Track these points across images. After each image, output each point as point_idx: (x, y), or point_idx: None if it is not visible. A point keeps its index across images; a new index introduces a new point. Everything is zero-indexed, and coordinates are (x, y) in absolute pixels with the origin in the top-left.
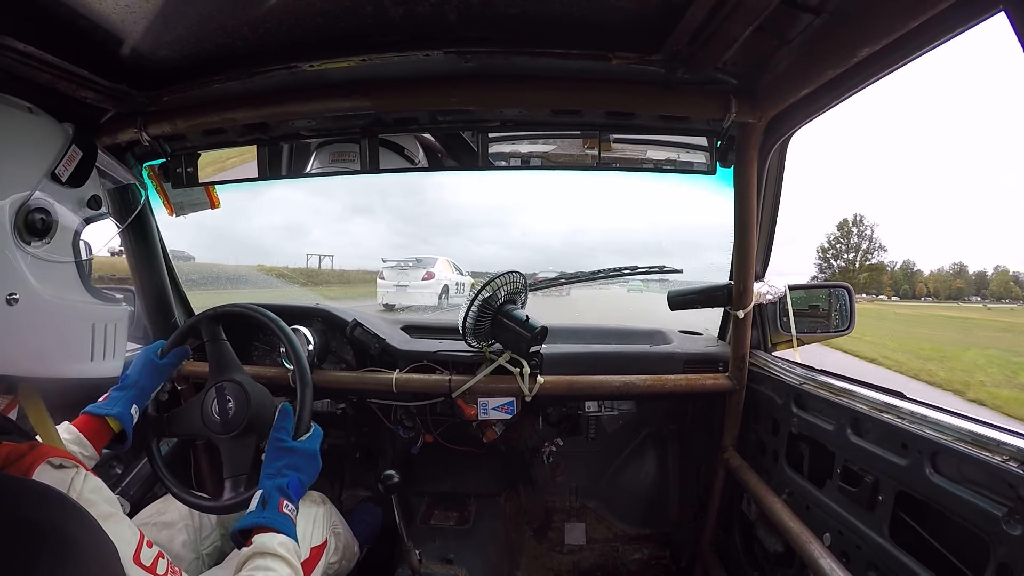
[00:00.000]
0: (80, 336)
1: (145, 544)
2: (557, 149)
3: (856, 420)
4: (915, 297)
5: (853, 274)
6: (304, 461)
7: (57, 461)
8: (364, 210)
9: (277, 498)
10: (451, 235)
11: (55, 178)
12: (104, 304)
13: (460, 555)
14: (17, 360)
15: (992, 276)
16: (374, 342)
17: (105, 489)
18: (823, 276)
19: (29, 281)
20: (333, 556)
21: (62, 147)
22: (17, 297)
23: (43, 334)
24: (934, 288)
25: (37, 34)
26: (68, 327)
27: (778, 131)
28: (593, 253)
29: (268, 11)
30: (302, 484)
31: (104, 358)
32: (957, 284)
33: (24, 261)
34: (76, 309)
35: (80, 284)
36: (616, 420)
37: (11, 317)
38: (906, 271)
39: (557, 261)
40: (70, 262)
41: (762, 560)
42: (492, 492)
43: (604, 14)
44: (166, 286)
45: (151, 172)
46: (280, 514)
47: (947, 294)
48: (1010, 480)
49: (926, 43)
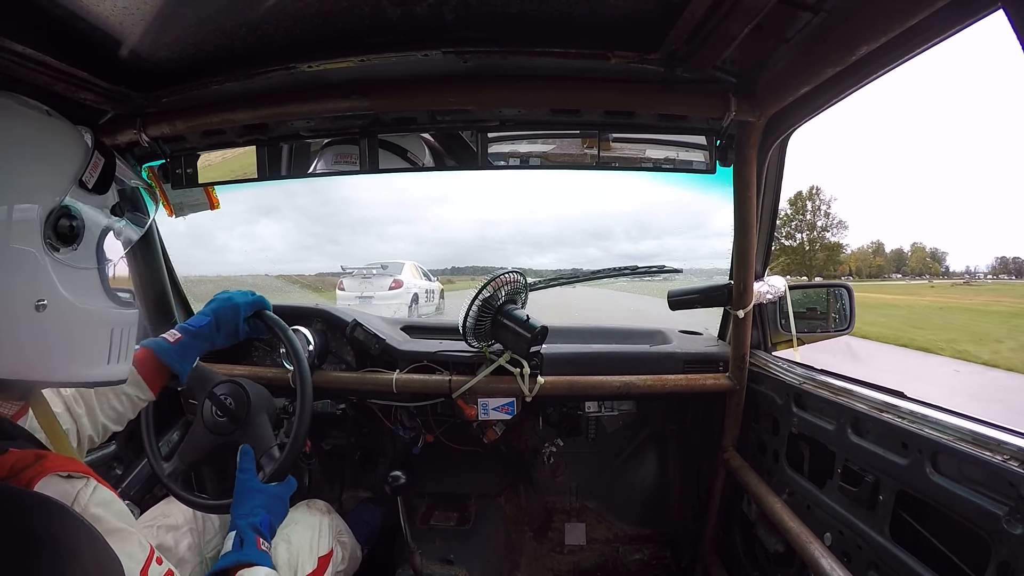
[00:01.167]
0: (100, 341)
1: (155, 561)
2: (556, 149)
3: (856, 420)
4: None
5: (807, 255)
6: (276, 505)
7: (65, 473)
8: (270, 211)
9: (253, 536)
10: (359, 233)
11: (82, 185)
12: (122, 309)
13: (460, 555)
14: (39, 365)
15: (910, 253)
16: (374, 342)
17: (116, 502)
18: None
19: (57, 288)
20: (341, 565)
21: (86, 153)
22: (46, 303)
23: (66, 340)
24: (855, 267)
25: (35, 36)
26: (90, 333)
27: (777, 130)
28: (503, 246)
29: (266, 12)
30: (271, 527)
31: (118, 362)
32: (877, 262)
33: (53, 268)
34: (98, 315)
35: (101, 290)
36: (616, 420)
37: (38, 323)
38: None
39: (469, 256)
40: (94, 268)
41: (763, 560)
42: (492, 492)
43: (602, 13)
44: (166, 286)
45: (150, 173)
46: (258, 551)
47: (868, 272)
48: (1011, 479)
49: (925, 41)
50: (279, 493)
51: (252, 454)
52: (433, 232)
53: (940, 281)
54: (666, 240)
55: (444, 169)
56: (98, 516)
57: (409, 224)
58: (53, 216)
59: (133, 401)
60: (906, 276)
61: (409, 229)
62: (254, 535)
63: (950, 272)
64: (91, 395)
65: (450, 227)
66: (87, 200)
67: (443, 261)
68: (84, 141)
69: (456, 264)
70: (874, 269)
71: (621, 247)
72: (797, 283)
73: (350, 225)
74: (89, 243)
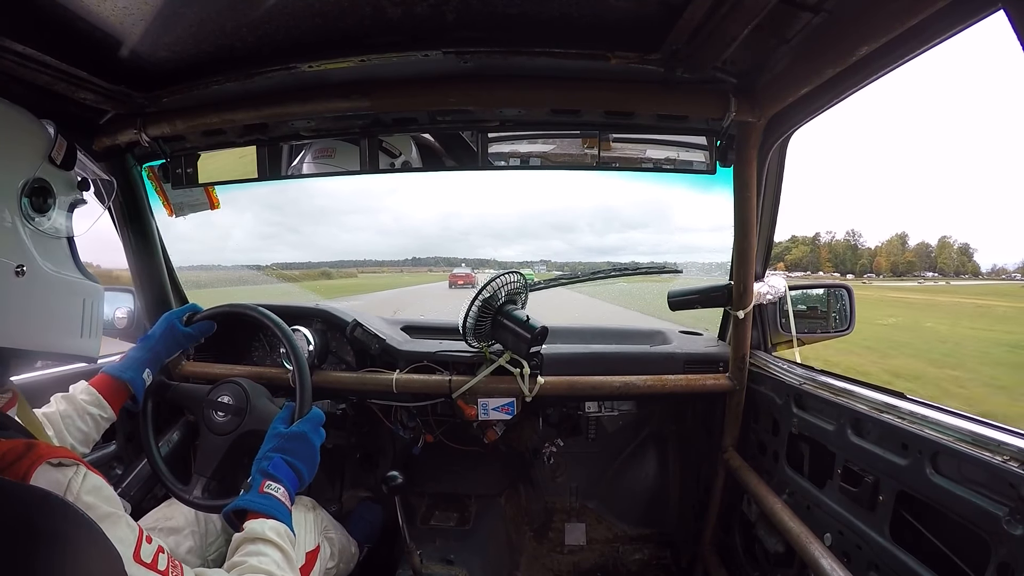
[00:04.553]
0: (74, 311)
1: (144, 540)
2: (557, 149)
3: (856, 420)
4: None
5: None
6: (293, 444)
7: (56, 460)
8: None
9: (260, 480)
10: (319, 223)
11: (51, 160)
12: (90, 282)
13: (460, 555)
14: (19, 332)
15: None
16: (374, 342)
17: (105, 488)
18: None
19: (33, 254)
20: (329, 561)
21: (52, 136)
22: (24, 269)
23: (44, 306)
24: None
25: (36, 36)
26: (64, 301)
27: (778, 130)
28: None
29: (267, 12)
30: (290, 465)
31: (90, 335)
32: (908, 257)
33: (29, 236)
34: (71, 284)
35: (71, 261)
36: (616, 420)
37: (19, 288)
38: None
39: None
40: (64, 239)
41: (762, 560)
42: (492, 492)
43: (603, 14)
44: (166, 285)
45: (151, 173)
46: (260, 495)
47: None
48: (1011, 480)
49: (925, 41)
50: (295, 431)
51: (283, 415)
52: (395, 223)
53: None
54: (630, 234)
55: (444, 169)
56: (90, 504)
57: (369, 214)
58: (28, 187)
59: (97, 421)
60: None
61: (370, 219)
62: (261, 479)
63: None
64: (58, 418)
65: (411, 217)
66: (55, 175)
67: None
68: (44, 128)
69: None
70: (905, 265)
71: (585, 240)
72: (797, 283)
73: (310, 214)
74: (60, 214)
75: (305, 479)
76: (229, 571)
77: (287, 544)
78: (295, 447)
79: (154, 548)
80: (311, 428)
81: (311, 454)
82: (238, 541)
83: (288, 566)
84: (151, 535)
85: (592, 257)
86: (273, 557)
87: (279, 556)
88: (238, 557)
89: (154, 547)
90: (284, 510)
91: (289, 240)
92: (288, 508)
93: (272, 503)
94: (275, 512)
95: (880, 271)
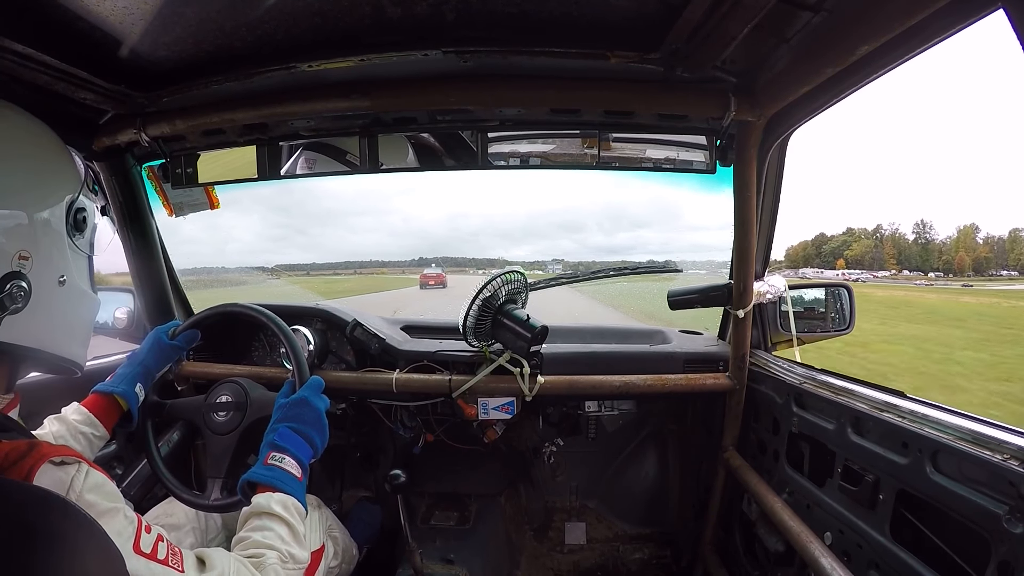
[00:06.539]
0: (89, 323)
1: (143, 530)
2: (556, 148)
3: (857, 419)
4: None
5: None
6: (296, 410)
7: (58, 459)
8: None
9: (265, 452)
10: (327, 225)
11: (86, 185)
12: (97, 296)
13: (461, 555)
14: (48, 336)
15: (1007, 242)
16: (374, 342)
17: (107, 484)
18: None
19: (72, 269)
20: (333, 561)
21: (81, 163)
22: (65, 280)
23: (71, 315)
24: (972, 260)
25: (35, 36)
26: (85, 312)
27: (778, 129)
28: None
29: (266, 12)
30: (297, 432)
31: (85, 346)
32: (982, 252)
33: (71, 251)
34: (92, 299)
35: (88, 276)
36: (616, 420)
37: (59, 296)
38: (921, 238)
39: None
40: (89, 257)
41: (763, 559)
42: (493, 492)
43: (602, 13)
44: (166, 286)
45: (151, 173)
46: (264, 467)
47: (971, 267)
48: (1011, 478)
49: (925, 41)
50: (296, 398)
51: (284, 391)
52: (404, 224)
53: None
54: (640, 232)
55: (444, 169)
56: (91, 503)
57: (378, 215)
58: (74, 207)
59: (90, 440)
60: None
61: (379, 220)
62: (267, 451)
63: None
64: (51, 439)
65: (420, 219)
66: (89, 198)
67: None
68: (76, 157)
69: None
70: (979, 261)
71: (595, 239)
72: (797, 283)
73: (318, 216)
74: (89, 235)
75: (317, 444)
76: (234, 546)
77: (293, 517)
78: (299, 413)
79: (153, 537)
80: (311, 393)
81: (316, 417)
82: (245, 515)
83: (294, 540)
84: (150, 524)
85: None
86: (278, 531)
87: (284, 531)
88: (243, 532)
89: (153, 536)
90: (291, 480)
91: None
92: (297, 477)
93: (276, 474)
94: (281, 483)
95: (963, 268)
